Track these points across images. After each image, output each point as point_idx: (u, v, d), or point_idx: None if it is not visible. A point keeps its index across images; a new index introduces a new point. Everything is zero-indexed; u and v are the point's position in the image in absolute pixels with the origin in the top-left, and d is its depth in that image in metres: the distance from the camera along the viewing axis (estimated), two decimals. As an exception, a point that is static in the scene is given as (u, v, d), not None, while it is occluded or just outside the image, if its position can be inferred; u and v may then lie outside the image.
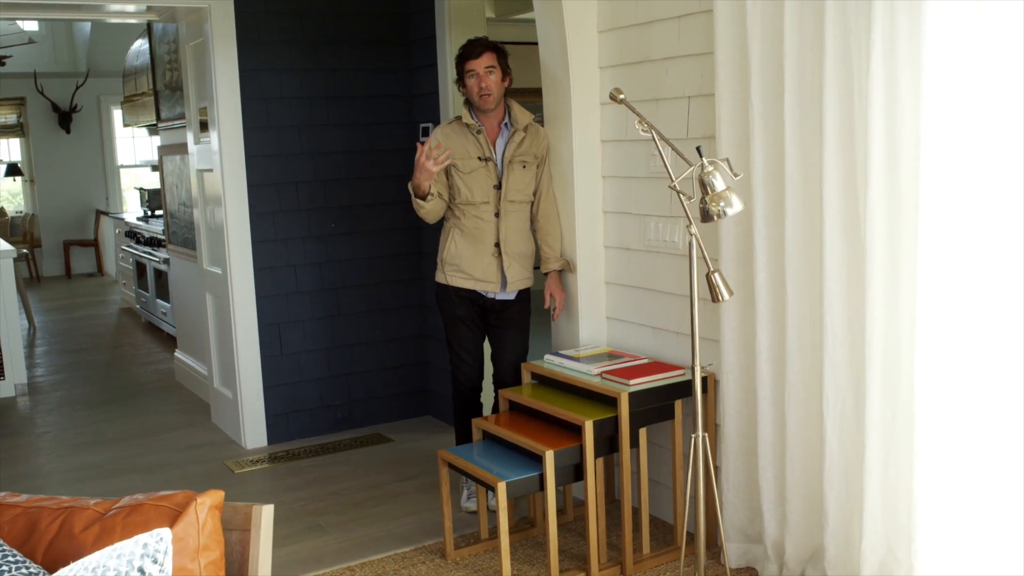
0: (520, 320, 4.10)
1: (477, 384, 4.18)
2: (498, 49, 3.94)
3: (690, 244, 2.92)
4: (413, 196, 3.91)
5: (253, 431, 5.16)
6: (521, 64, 4.20)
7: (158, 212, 9.08)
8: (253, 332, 5.10)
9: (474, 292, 4.03)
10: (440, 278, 4.10)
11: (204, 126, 5.20)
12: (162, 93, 6.55)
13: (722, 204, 2.65)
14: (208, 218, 5.34)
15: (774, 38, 3.06)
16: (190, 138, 5.43)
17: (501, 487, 3.28)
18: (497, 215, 3.97)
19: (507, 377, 4.08)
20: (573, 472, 3.45)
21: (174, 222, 6.65)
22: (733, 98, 3.26)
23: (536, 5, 4.01)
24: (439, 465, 3.65)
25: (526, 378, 3.91)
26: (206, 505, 1.96)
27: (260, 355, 5.13)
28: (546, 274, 4.13)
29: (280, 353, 5.20)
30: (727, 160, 2.74)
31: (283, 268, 5.17)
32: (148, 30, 6.67)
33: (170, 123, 6.42)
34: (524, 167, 3.98)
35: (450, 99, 5.03)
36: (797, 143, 3.02)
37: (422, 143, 3.85)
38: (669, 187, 2.80)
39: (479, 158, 3.95)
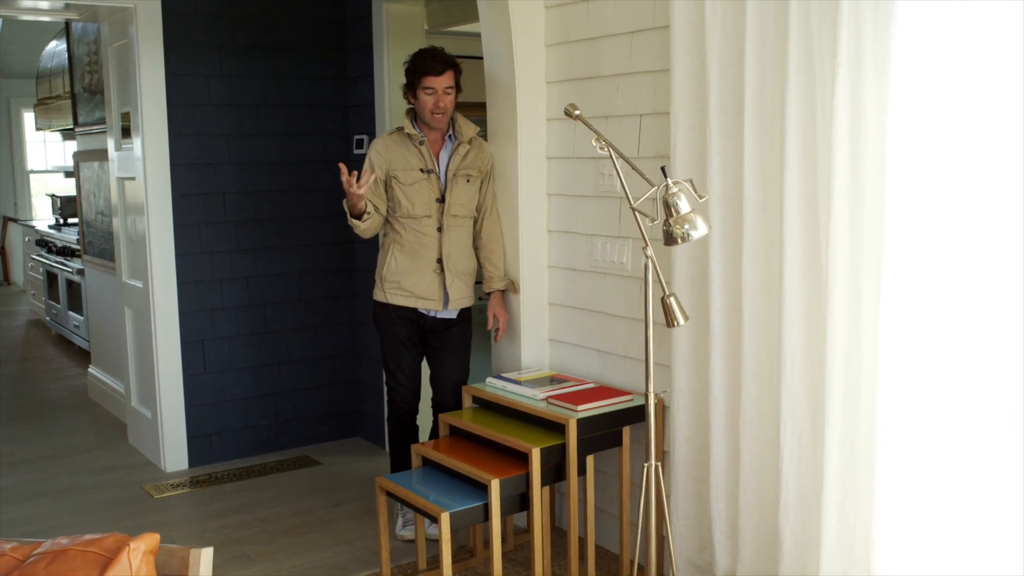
0: (461, 341, 3.96)
1: (414, 407, 4.01)
2: (457, 67, 3.80)
3: (646, 267, 2.82)
4: (348, 215, 3.73)
5: (173, 453, 4.90)
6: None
7: (71, 220, 8.70)
8: (175, 349, 4.86)
9: (415, 311, 3.87)
10: (379, 296, 3.91)
11: (126, 132, 4.95)
12: (80, 96, 6.24)
13: (687, 227, 2.56)
14: (129, 228, 5.08)
15: (734, 55, 2.99)
16: (111, 144, 5.17)
17: (444, 518, 3.13)
18: (440, 230, 3.82)
19: (447, 400, 3.93)
20: (519, 501, 3.32)
21: (90, 231, 6.34)
22: (689, 116, 3.17)
23: (483, 17, 3.89)
24: (377, 493, 3.47)
25: (467, 402, 3.77)
26: (140, 550, 1.77)
27: (182, 373, 4.89)
28: (488, 294, 3.99)
29: (203, 371, 4.96)
30: (690, 181, 2.65)
31: (208, 282, 4.94)
32: (66, 30, 6.37)
33: (88, 128, 6.12)
34: (468, 181, 3.84)
35: (386, 110, 4.88)
36: (756, 163, 2.94)
37: (361, 163, 3.69)
38: (631, 208, 2.69)
39: (421, 170, 3.80)
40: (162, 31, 4.67)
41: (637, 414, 3.46)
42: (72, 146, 9.80)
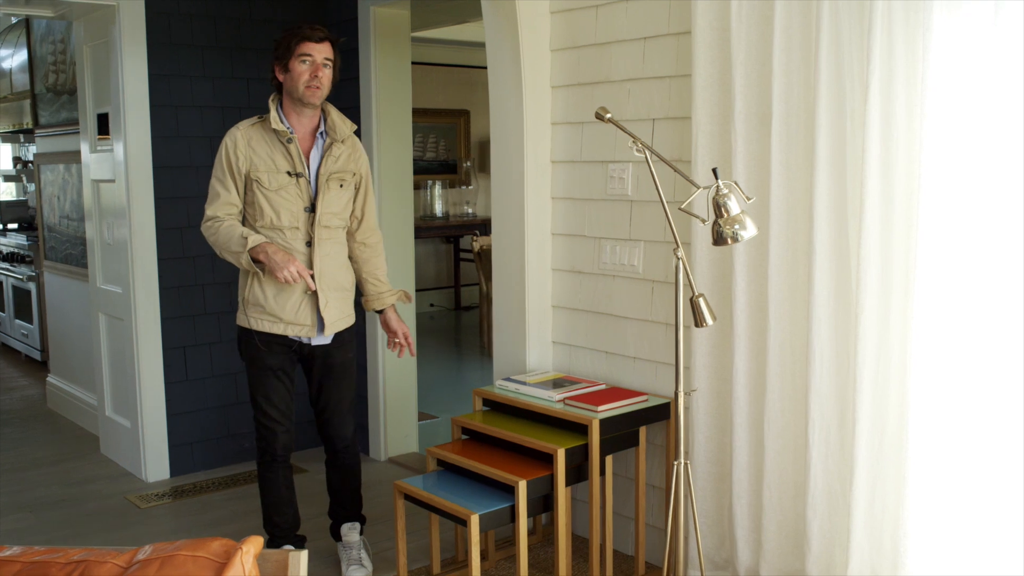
0: (345, 364, 3.58)
1: (290, 444, 3.59)
2: (338, 47, 3.42)
3: (676, 268, 2.86)
4: (249, 258, 3.26)
5: (154, 463, 4.78)
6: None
7: (11, 225, 8.42)
8: (157, 356, 4.74)
9: (285, 337, 3.44)
10: (241, 321, 3.45)
11: (102, 133, 4.82)
12: (42, 96, 6.05)
13: (736, 227, 2.61)
14: (105, 233, 4.94)
15: (759, 62, 3.06)
16: (85, 146, 5.03)
17: (474, 520, 3.13)
18: (309, 244, 3.38)
19: (341, 431, 3.61)
20: (541, 503, 3.33)
21: (52, 236, 6.14)
22: (711, 121, 3.23)
23: (487, 21, 3.90)
24: (395, 497, 3.45)
25: (477, 404, 3.77)
26: (251, 554, 1.74)
27: (164, 381, 4.78)
28: (379, 312, 3.65)
29: (185, 378, 4.85)
30: (735, 183, 2.70)
31: (190, 287, 4.84)
32: (26, 28, 6.16)
33: (52, 129, 5.94)
34: (342, 186, 3.43)
35: (372, 114, 4.86)
36: (783, 167, 3.01)
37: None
38: (680, 209, 2.73)
39: (289, 173, 3.35)
40: (145, 31, 4.57)
41: (653, 414, 3.50)
42: (8, 149, 9.51)
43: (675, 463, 2.93)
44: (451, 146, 9.75)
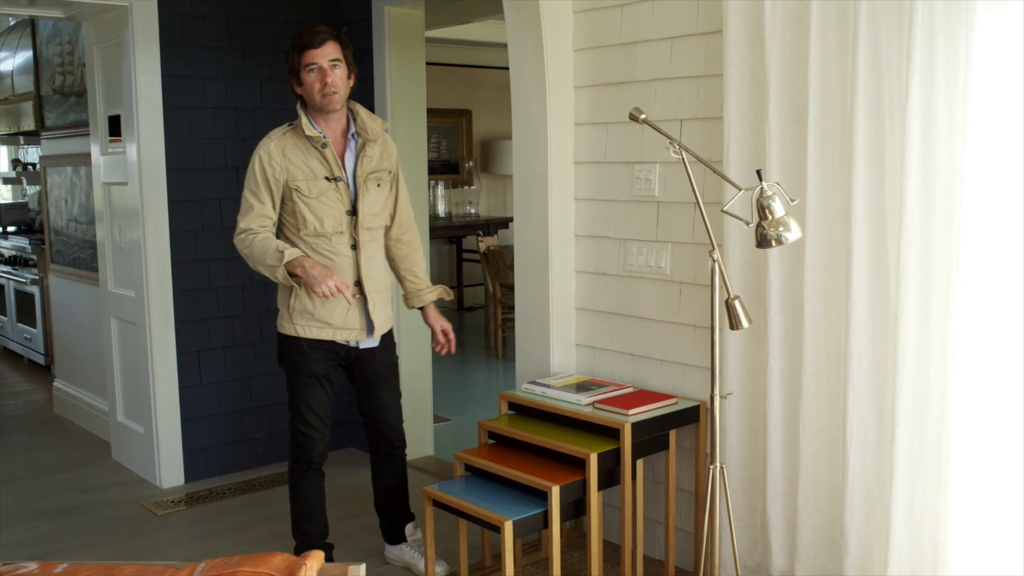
0: (392, 366, 3.61)
1: (325, 453, 3.56)
2: (343, 40, 3.35)
3: (712, 270, 2.83)
4: (286, 272, 3.21)
5: (169, 469, 4.73)
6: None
7: (10, 228, 8.34)
8: (171, 360, 4.69)
9: (332, 342, 3.41)
10: (287, 329, 3.40)
11: (114, 135, 4.76)
12: (48, 99, 5.98)
13: (781, 229, 2.57)
14: (116, 236, 4.88)
15: (794, 61, 3.02)
16: (95, 149, 4.96)
17: (508, 527, 3.09)
18: (354, 247, 3.37)
19: (401, 430, 3.65)
20: (572, 508, 3.29)
21: (60, 240, 6.07)
22: (743, 121, 3.20)
23: (510, 21, 3.86)
24: (423, 503, 3.41)
25: (503, 408, 3.72)
26: (314, 569, 1.70)
27: (178, 385, 4.72)
28: (420, 309, 3.67)
29: (200, 383, 4.80)
30: (777, 184, 2.66)
31: (204, 291, 4.79)
32: (32, 30, 6.08)
33: (59, 132, 5.87)
34: (379, 186, 3.42)
35: (387, 114, 4.81)
36: (818, 167, 2.98)
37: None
38: (723, 211, 2.70)
39: (327, 178, 3.32)
40: (158, 32, 4.51)
41: (683, 417, 3.47)
42: (3, 152, 9.44)
43: (710, 467, 2.90)
44: (453, 146, 9.70)
